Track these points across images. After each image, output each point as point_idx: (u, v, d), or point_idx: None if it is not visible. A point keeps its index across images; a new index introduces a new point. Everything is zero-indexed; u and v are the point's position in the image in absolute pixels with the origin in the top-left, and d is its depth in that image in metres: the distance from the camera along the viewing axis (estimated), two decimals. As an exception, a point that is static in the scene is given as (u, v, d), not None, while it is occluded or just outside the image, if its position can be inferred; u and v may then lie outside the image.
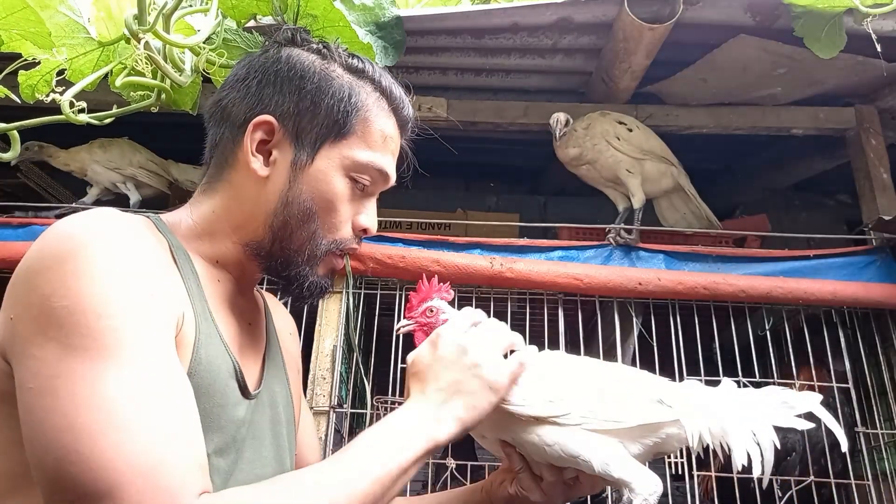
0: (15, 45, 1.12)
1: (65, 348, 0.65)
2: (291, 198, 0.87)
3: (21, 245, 1.97)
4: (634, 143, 2.19)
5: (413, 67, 2.23)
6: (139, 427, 0.63)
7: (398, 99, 0.94)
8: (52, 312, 0.66)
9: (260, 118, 0.88)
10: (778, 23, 1.93)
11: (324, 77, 0.90)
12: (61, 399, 0.63)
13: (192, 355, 0.76)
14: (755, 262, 2.08)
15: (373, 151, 0.90)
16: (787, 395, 0.92)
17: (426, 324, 0.98)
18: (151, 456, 0.62)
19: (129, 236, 0.75)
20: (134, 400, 0.64)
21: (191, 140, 1.15)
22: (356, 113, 0.89)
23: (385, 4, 1.56)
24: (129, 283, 0.70)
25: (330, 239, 0.89)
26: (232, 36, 1.21)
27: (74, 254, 0.69)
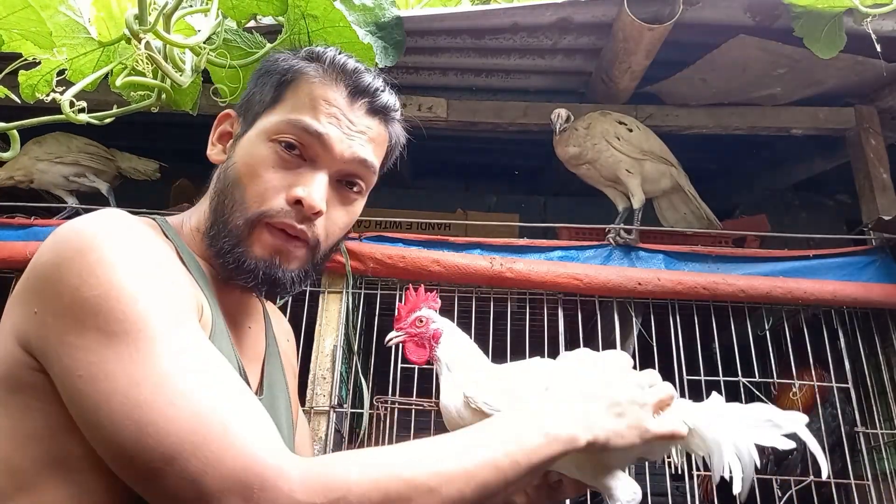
0: (15, 45, 1.12)
1: (106, 335, 0.65)
2: (223, 170, 0.87)
3: (21, 245, 1.97)
4: (634, 143, 2.19)
5: (413, 67, 2.23)
6: (201, 390, 0.64)
7: (347, 68, 0.87)
8: (84, 303, 0.67)
9: (222, 112, 0.92)
10: (778, 23, 1.93)
11: (273, 62, 0.90)
12: (119, 381, 0.64)
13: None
14: (755, 262, 2.08)
15: (294, 111, 0.85)
16: (774, 414, 0.92)
17: (416, 334, 0.98)
18: (220, 414, 0.63)
19: (143, 233, 0.76)
20: (188, 369, 0.65)
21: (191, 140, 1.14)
22: (289, 83, 0.87)
23: (385, 5, 1.56)
24: (154, 272, 0.71)
25: (256, 209, 0.82)
26: (232, 36, 1.21)
27: (96, 246, 0.70)
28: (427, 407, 1.95)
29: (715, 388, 1.89)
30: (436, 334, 0.99)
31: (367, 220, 2.54)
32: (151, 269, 0.71)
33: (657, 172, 2.24)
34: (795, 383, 2.04)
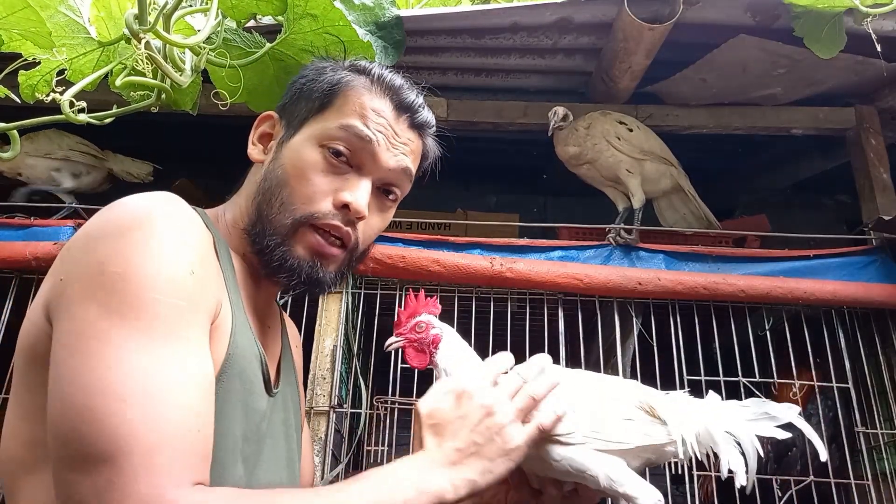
0: (15, 45, 1.12)
1: (107, 311, 0.67)
2: (270, 170, 0.90)
3: (21, 245, 1.97)
4: (635, 143, 2.19)
5: (413, 67, 2.23)
6: (157, 403, 0.64)
7: (394, 84, 0.93)
8: (104, 276, 0.68)
9: (264, 114, 0.96)
10: (778, 23, 1.93)
11: (319, 71, 0.94)
12: (91, 358, 0.65)
13: (230, 339, 0.79)
14: (755, 262, 2.08)
15: (345, 119, 0.89)
16: (769, 407, 0.95)
17: (416, 339, 0.99)
18: (160, 434, 0.63)
19: (188, 222, 0.78)
20: (158, 376, 0.65)
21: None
22: (338, 93, 0.91)
23: (385, 4, 1.56)
24: (182, 266, 0.72)
25: (304, 210, 0.86)
26: (232, 36, 1.21)
27: (137, 226, 0.72)
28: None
29: (715, 388, 1.89)
30: (435, 339, 0.98)
31: (367, 220, 2.54)
32: (182, 263, 0.72)
33: (657, 172, 2.24)
34: (795, 383, 2.04)
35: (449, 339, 1.01)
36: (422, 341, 0.98)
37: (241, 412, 0.79)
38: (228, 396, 0.77)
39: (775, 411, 0.94)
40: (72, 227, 2.04)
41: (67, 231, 2.02)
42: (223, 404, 0.76)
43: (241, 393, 0.79)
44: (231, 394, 0.77)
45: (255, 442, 0.82)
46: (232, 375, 0.77)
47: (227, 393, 0.77)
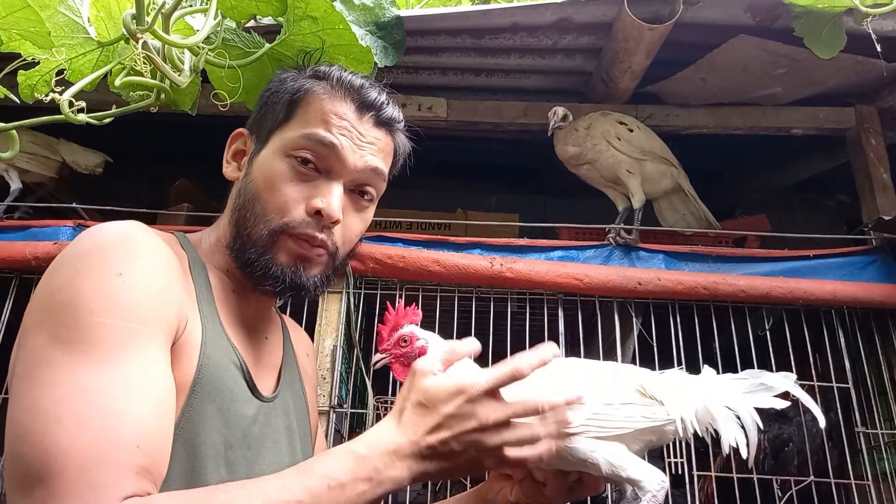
0: (14, 45, 1.12)
1: (53, 338, 0.69)
2: (243, 186, 0.92)
3: (21, 245, 1.97)
4: (635, 143, 2.19)
5: (413, 67, 2.22)
6: (92, 422, 0.65)
7: (354, 84, 0.93)
8: (52, 305, 0.71)
9: (235, 131, 0.99)
10: (778, 23, 1.93)
11: (282, 81, 0.96)
12: (34, 384, 0.67)
13: (201, 352, 0.80)
14: (755, 262, 2.08)
15: (307, 126, 0.90)
16: (765, 377, 0.96)
17: (402, 354, 0.97)
18: (93, 452, 0.64)
19: (145, 246, 0.79)
20: (98, 396, 0.67)
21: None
22: (300, 101, 0.92)
23: (385, 4, 1.55)
24: (131, 288, 0.73)
25: (278, 221, 0.87)
26: (231, 36, 1.20)
27: (87, 254, 0.75)
28: None
29: (715, 388, 1.89)
30: (421, 351, 0.97)
31: (366, 220, 2.54)
32: (131, 285, 0.73)
33: (658, 173, 2.24)
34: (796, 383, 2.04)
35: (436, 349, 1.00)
36: (407, 355, 0.97)
37: (219, 420, 0.80)
38: (203, 406, 0.78)
39: (771, 381, 0.95)
40: (71, 227, 2.04)
41: (67, 231, 2.02)
42: (199, 414, 0.77)
43: (217, 401, 0.80)
44: (206, 404, 0.79)
45: (245, 447, 0.83)
46: (205, 386, 0.79)
47: (202, 403, 0.78)
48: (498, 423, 0.75)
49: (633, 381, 0.95)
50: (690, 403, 0.92)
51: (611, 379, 0.95)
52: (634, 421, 0.90)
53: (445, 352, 0.81)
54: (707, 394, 0.93)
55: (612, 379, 0.95)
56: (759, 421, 0.92)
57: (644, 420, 0.90)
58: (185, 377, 0.77)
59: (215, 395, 0.80)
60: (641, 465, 0.88)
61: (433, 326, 1.92)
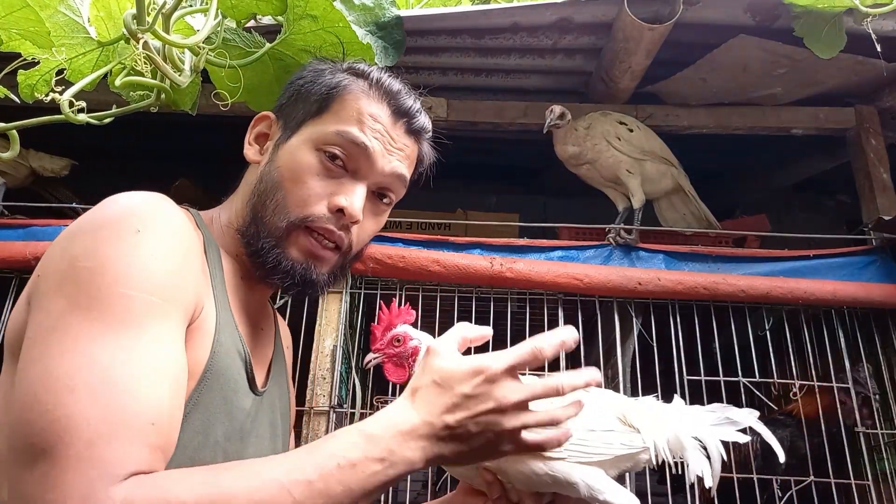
0: (14, 45, 1.12)
1: (72, 305, 0.67)
2: (266, 172, 0.90)
3: (21, 245, 1.97)
4: (635, 143, 2.19)
5: (413, 67, 2.23)
6: (105, 396, 0.63)
7: (392, 89, 0.92)
8: (74, 271, 0.69)
9: (261, 114, 0.96)
10: (778, 23, 1.93)
11: (318, 73, 0.94)
12: (50, 350, 0.65)
13: (215, 338, 0.78)
14: (755, 262, 2.08)
15: (343, 124, 0.88)
16: (731, 412, 0.98)
17: (395, 354, 0.97)
18: (102, 427, 0.61)
19: (172, 220, 0.77)
20: (114, 369, 0.64)
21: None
22: (336, 97, 0.90)
23: (385, 4, 1.55)
24: (157, 262, 0.72)
25: (298, 213, 0.86)
26: (231, 36, 1.20)
27: (114, 223, 0.72)
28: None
29: (715, 387, 1.89)
30: (414, 351, 0.97)
31: (366, 220, 2.54)
32: (157, 259, 0.72)
33: (658, 173, 2.24)
34: (796, 383, 2.04)
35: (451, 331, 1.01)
36: (400, 355, 0.97)
37: (223, 411, 0.78)
38: (212, 395, 0.77)
39: (736, 416, 0.97)
40: (71, 227, 2.04)
41: (67, 231, 2.02)
42: (206, 402, 0.76)
43: (223, 391, 0.78)
44: (214, 392, 0.77)
45: (238, 440, 0.82)
46: (215, 374, 0.77)
47: (211, 391, 0.77)
48: (517, 405, 0.72)
49: (615, 408, 0.96)
50: (663, 432, 0.94)
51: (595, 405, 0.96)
52: (614, 448, 0.91)
53: (460, 333, 0.80)
54: (678, 424, 0.96)
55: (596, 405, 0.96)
56: (723, 453, 0.95)
57: (622, 447, 0.92)
58: (197, 362, 0.75)
59: (223, 383, 0.78)
60: (618, 491, 0.89)
61: (433, 326, 1.92)
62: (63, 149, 2.56)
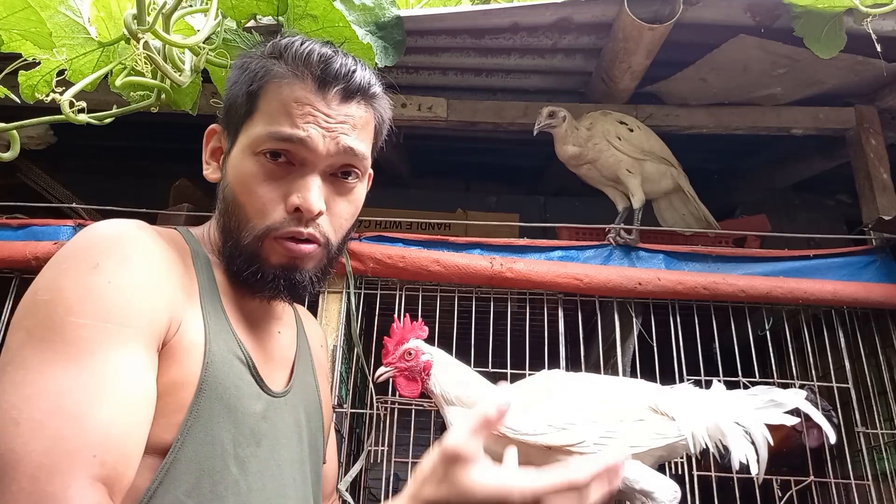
0: (15, 45, 1.12)
1: (29, 337, 0.68)
2: (221, 189, 0.90)
3: (21, 245, 1.97)
4: (635, 143, 2.19)
5: (413, 67, 2.23)
6: (49, 428, 0.63)
7: (312, 59, 0.85)
8: (34, 304, 0.71)
9: (209, 128, 0.94)
10: (778, 23, 1.93)
11: (240, 69, 0.90)
12: (3, 382, 0.66)
13: (206, 349, 0.78)
14: (755, 262, 2.08)
15: (270, 121, 0.84)
16: (775, 394, 0.96)
17: (406, 368, 0.97)
18: (46, 460, 0.62)
19: (135, 246, 0.77)
20: (60, 399, 0.65)
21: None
22: (259, 92, 0.86)
23: (385, 4, 1.56)
24: (113, 289, 0.72)
25: (260, 225, 0.84)
26: (232, 36, 1.21)
27: (74, 254, 0.73)
28: (427, 407, 1.95)
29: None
30: (426, 366, 0.97)
31: (367, 220, 2.54)
32: (115, 286, 0.72)
33: (658, 173, 2.24)
34: (796, 383, 2.04)
35: (441, 364, 1.00)
36: (412, 369, 0.97)
37: (227, 418, 0.78)
38: (212, 405, 0.77)
39: (782, 398, 0.95)
40: (71, 227, 2.04)
41: (67, 231, 2.02)
42: (207, 413, 0.76)
43: (224, 398, 0.78)
44: (214, 401, 0.77)
45: (254, 444, 0.82)
46: (212, 383, 0.77)
47: (210, 401, 0.77)
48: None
49: (646, 398, 0.95)
50: (701, 420, 0.93)
51: (624, 396, 0.95)
52: (647, 438, 0.90)
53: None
54: (718, 410, 0.94)
55: (625, 396, 0.95)
56: (769, 437, 0.92)
57: (657, 437, 0.91)
58: (190, 375, 0.76)
59: (221, 391, 0.78)
60: (654, 477, 0.89)
61: (433, 326, 1.92)
62: (63, 149, 2.56)
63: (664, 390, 0.98)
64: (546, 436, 0.88)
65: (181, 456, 0.73)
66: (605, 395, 0.96)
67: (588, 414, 0.91)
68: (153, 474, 0.72)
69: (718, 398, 0.98)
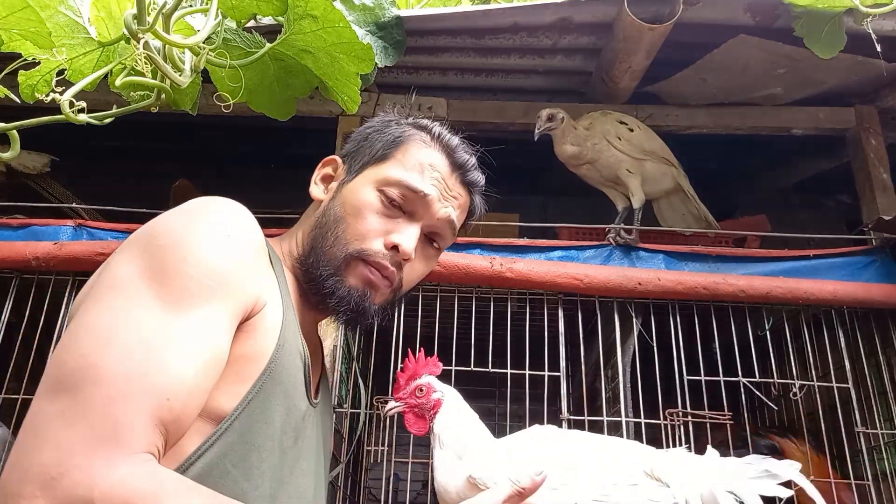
0: (15, 45, 1.12)
1: (139, 273, 0.72)
2: (329, 207, 0.98)
3: (21, 245, 1.96)
4: (635, 143, 2.19)
5: (413, 67, 2.23)
6: (135, 359, 0.66)
7: (451, 143, 1.02)
8: (150, 246, 0.75)
9: (328, 158, 1.06)
10: (778, 23, 1.93)
11: (385, 123, 1.04)
12: (104, 303, 0.70)
13: (280, 334, 0.83)
14: (755, 262, 2.08)
15: (404, 170, 0.97)
16: (770, 464, 0.96)
17: (416, 405, 0.97)
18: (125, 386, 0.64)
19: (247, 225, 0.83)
20: (151, 337, 0.68)
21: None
22: (400, 145, 1.00)
23: (385, 4, 1.56)
24: (223, 253, 0.77)
25: (356, 246, 0.93)
26: (232, 36, 1.21)
27: (197, 214, 0.79)
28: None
29: (715, 387, 1.89)
30: (436, 405, 0.97)
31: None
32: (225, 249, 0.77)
33: (658, 173, 2.24)
34: (796, 383, 2.04)
35: (450, 404, 1.00)
36: (422, 406, 0.97)
37: (283, 403, 0.82)
38: (274, 385, 0.81)
39: (776, 469, 0.96)
40: (71, 227, 2.04)
41: (67, 231, 2.02)
42: (268, 391, 0.80)
43: (285, 385, 0.82)
44: (277, 383, 0.81)
45: (292, 437, 0.85)
46: (279, 366, 0.81)
47: (273, 382, 0.80)
48: None
49: (641, 461, 0.94)
50: (696, 487, 0.92)
51: (619, 458, 0.95)
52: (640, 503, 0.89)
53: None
54: (712, 478, 0.93)
55: (620, 458, 0.95)
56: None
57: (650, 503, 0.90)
58: (261, 353, 0.79)
59: (284, 378, 0.82)
60: None
61: (433, 326, 1.92)
62: (63, 149, 2.56)
63: (659, 454, 0.97)
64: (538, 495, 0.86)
65: (236, 426, 0.76)
66: (599, 456, 0.94)
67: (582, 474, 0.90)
68: (203, 438, 0.74)
69: (713, 466, 0.97)
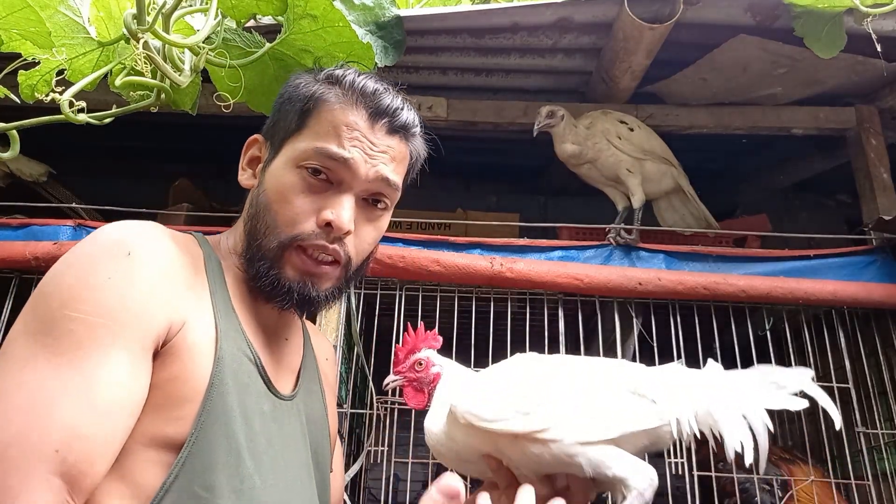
0: (15, 45, 1.12)
1: (24, 329, 0.71)
2: (255, 196, 0.93)
3: (21, 245, 1.96)
4: (635, 142, 2.19)
5: (413, 67, 2.22)
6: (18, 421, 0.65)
7: (367, 90, 0.91)
8: (35, 297, 0.73)
9: (251, 138, 0.98)
10: (778, 23, 1.93)
11: (294, 87, 0.95)
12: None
13: (217, 346, 0.80)
14: (755, 262, 2.07)
15: (319, 138, 0.89)
16: (778, 374, 0.86)
17: (415, 378, 0.96)
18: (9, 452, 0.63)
19: (142, 248, 0.78)
20: (33, 394, 0.66)
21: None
22: (312, 111, 0.91)
23: (385, 4, 1.56)
24: (112, 287, 0.73)
25: (288, 233, 0.87)
26: (231, 35, 1.21)
27: (80, 253, 0.76)
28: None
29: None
30: (436, 378, 0.95)
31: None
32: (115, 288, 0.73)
33: (658, 172, 2.24)
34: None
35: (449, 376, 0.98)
36: (421, 380, 0.95)
37: (239, 414, 0.80)
38: (224, 400, 0.78)
39: (784, 379, 0.85)
40: (71, 227, 2.04)
41: (67, 231, 2.02)
42: (217, 408, 0.78)
43: (235, 394, 0.80)
44: (226, 397, 0.79)
45: (266, 442, 0.83)
46: (223, 379, 0.79)
47: (222, 397, 0.78)
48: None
49: (626, 379, 0.88)
50: (690, 403, 0.84)
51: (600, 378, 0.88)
52: (621, 425, 0.82)
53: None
54: (711, 393, 0.85)
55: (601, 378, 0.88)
56: (769, 424, 0.82)
57: (632, 423, 0.83)
58: (196, 372, 0.77)
59: (233, 388, 0.80)
60: (627, 461, 0.81)
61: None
62: (63, 148, 2.56)
63: (649, 371, 0.90)
64: (508, 422, 0.82)
65: (196, 450, 0.74)
66: (579, 377, 0.88)
67: (557, 397, 0.84)
68: (167, 469, 0.72)
69: (712, 379, 0.88)
